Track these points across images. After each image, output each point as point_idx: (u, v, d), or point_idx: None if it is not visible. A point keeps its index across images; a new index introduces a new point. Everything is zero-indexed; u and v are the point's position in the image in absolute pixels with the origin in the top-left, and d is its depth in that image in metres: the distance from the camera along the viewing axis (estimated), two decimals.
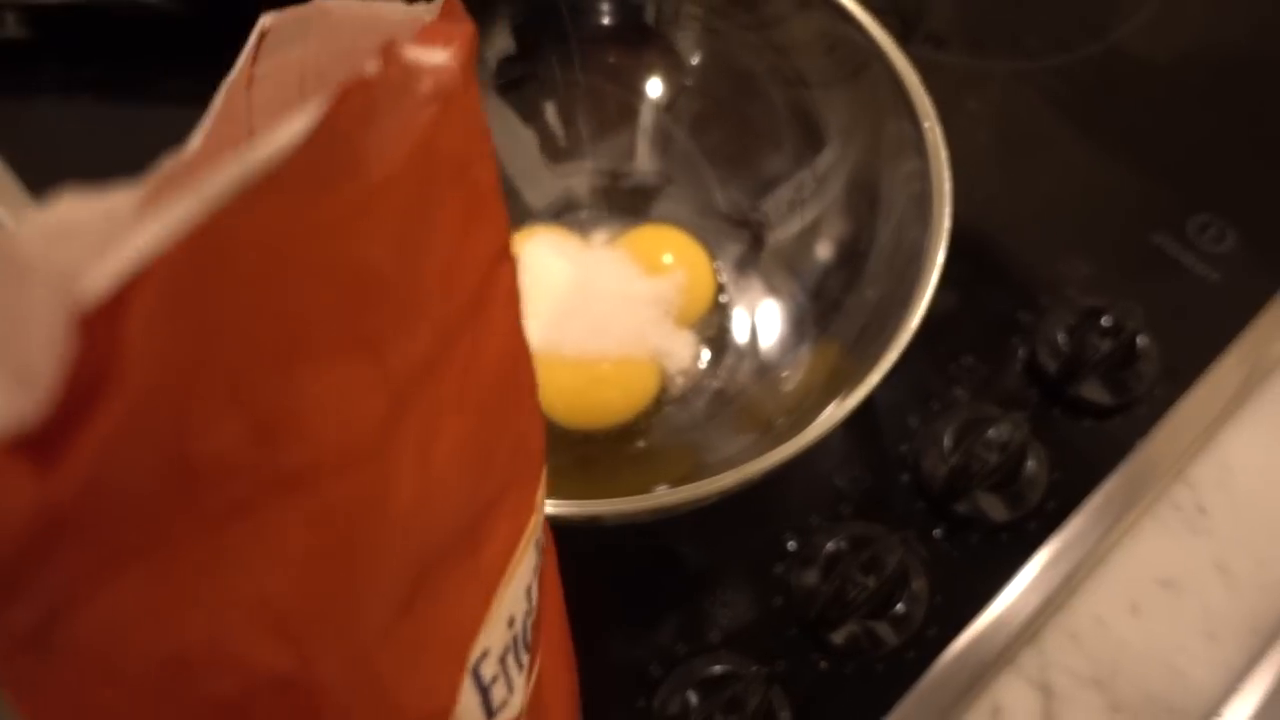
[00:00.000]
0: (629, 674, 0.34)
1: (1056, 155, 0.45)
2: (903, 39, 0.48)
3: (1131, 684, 0.35)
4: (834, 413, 0.29)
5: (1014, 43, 0.48)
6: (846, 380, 0.30)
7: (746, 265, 0.39)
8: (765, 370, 0.37)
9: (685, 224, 0.40)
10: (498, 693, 0.14)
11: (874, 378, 0.29)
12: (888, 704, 0.33)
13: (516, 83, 0.39)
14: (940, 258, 0.30)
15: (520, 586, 0.15)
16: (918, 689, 0.34)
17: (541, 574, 0.17)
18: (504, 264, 0.15)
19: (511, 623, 0.15)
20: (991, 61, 0.47)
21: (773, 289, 0.39)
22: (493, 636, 0.14)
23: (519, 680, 0.15)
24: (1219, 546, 0.37)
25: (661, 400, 0.37)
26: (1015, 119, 0.46)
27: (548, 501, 0.28)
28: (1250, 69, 0.48)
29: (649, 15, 0.38)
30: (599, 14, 0.38)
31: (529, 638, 0.15)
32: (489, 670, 0.14)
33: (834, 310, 0.36)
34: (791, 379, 0.36)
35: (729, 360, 0.38)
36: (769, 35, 0.37)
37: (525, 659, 0.15)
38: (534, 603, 0.16)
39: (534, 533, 0.16)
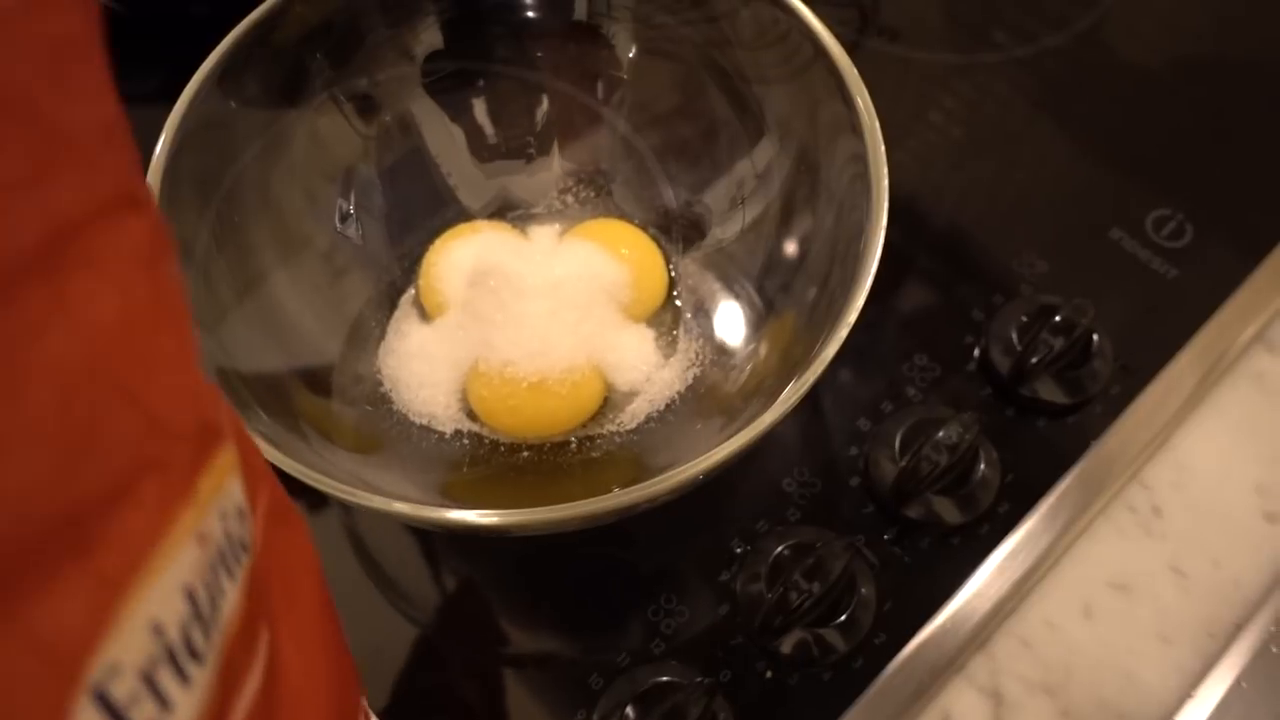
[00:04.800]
0: (569, 686, 0.33)
1: (1015, 150, 0.45)
2: (859, 32, 0.47)
3: (1083, 690, 0.34)
4: (770, 413, 0.28)
5: (979, 36, 0.47)
6: (795, 372, 0.29)
7: (694, 259, 0.39)
8: (716, 365, 0.37)
9: (630, 220, 0.39)
10: (141, 713, 0.13)
11: (811, 375, 0.28)
12: (835, 713, 0.33)
13: (446, 80, 0.38)
14: (880, 234, 0.29)
15: (170, 588, 0.13)
16: (866, 697, 0.33)
17: (256, 568, 0.16)
18: (116, 220, 0.13)
19: (160, 630, 0.13)
20: (955, 55, 0.47)
21: (722, 282, 0.38)
22: (126, 649, 0.12)
23: (181, 696, 0.13)
24: (1174, 548, 0.36)
25: (608, 403, 0.37)
26: (980, 112, 0.45)
27: (477, 512, 0.27)
28: (1214, 64, 0.47)
29: (580, 9, 0.37)
30: (528, 7, 0.38)
31: (201, 644, 0.14)
32: (123, 688, 0.12)
33: (783, 300, 0.36)
34: (741, 373, 0.36)
35: (679, 356, 0.37)
36: (704, 29, 0.37)
37: (193, 669, 0.14)
38: (213, 604, 0.14)
39: (195, 525, 0.14)
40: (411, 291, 0.38)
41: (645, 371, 0.37)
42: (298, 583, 0.18)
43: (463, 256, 0.37)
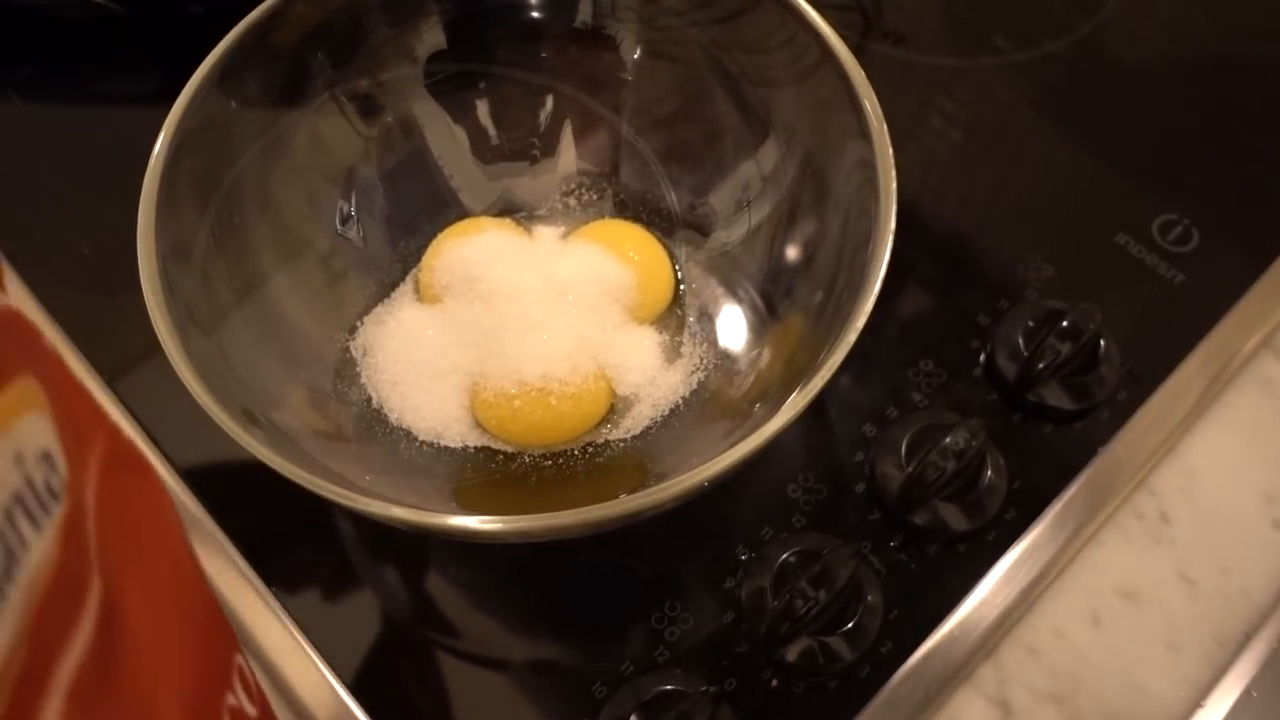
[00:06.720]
0: (572, 694, 0.33)
1: (1019, 154, 0.44)
2: (862, 35, 0.47)
3: (1092, 699, 0.34)
4: (776, 420, 0.27)
5: (981, 40, 0.47)
6: (802, 378, 0.29)
7: (698, 263, 0.38)
8: (720, 370, 0.36)
9: (634, 223, 0.39)
10: None
11: (818, 382, 0.28)
12: None
13: (449, 80, 0.37)
14: (889, 240, 0.29)
15: None
16: (872, 706, 0.33)
17: (80, 516, 0.15)
18: None
19: None
20: (957, 59, 0.47)
21: (726, 287, 0.38)
22: None
23: None
24: (1182, 555, 0.36)
25: (612, 408, 0.36)
26: (984, 117, 0.45)
27: (478, 518, 0.27)
28: (1217, 68, 0.47)
29: (584, 10, 0.37)
30: (532, 9, 0.37)
31: None
32: None
33: (788, 305, 0.35)
34: (745, 379, 0.35)
35: (683, 361, 0.37)
36: (710, 31, 0.36)
37: None
38: (9, 554, 0.13)
39: None
40: (414, 295, 0.38)
41: (649, 375, 0.36)
42: (145, 533, 0.17)
43: (464, 257, 0.37)
